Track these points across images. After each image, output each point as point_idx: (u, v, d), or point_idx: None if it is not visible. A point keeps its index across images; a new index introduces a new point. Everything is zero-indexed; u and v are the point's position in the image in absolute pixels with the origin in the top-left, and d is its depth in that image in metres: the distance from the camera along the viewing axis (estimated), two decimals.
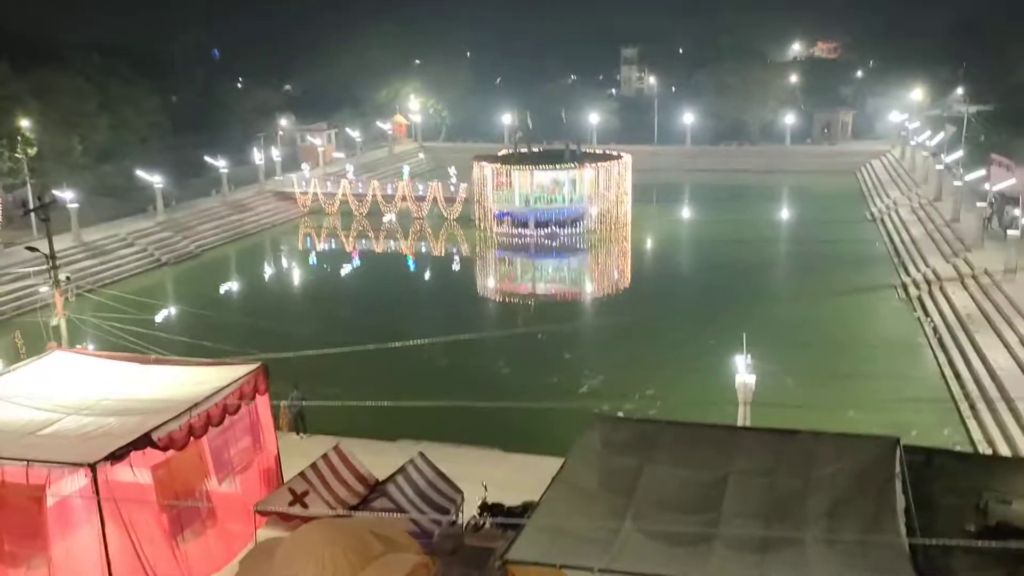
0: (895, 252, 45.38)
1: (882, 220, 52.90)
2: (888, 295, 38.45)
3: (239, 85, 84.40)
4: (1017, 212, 39.23)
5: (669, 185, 69.48)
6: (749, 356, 18.26)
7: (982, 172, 48.45)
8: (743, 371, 18.09)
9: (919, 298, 36.23)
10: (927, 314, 33.87)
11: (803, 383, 25.03)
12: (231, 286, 46.43)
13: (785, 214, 62.16)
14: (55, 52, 56.61)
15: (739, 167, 76.22)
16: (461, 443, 21.13)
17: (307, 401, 22.31)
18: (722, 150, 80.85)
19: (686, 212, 63.63)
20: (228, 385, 16.24)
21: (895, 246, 46.31)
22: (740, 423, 17.59)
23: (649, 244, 53.23)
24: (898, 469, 11.93)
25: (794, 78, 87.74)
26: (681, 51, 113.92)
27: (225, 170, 57.51)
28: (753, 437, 13.72)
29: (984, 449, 21.71)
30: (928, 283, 37.32)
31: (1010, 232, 36.27)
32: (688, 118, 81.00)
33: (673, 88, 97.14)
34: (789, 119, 79.84)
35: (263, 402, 17.47)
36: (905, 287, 38.67)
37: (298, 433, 22.42)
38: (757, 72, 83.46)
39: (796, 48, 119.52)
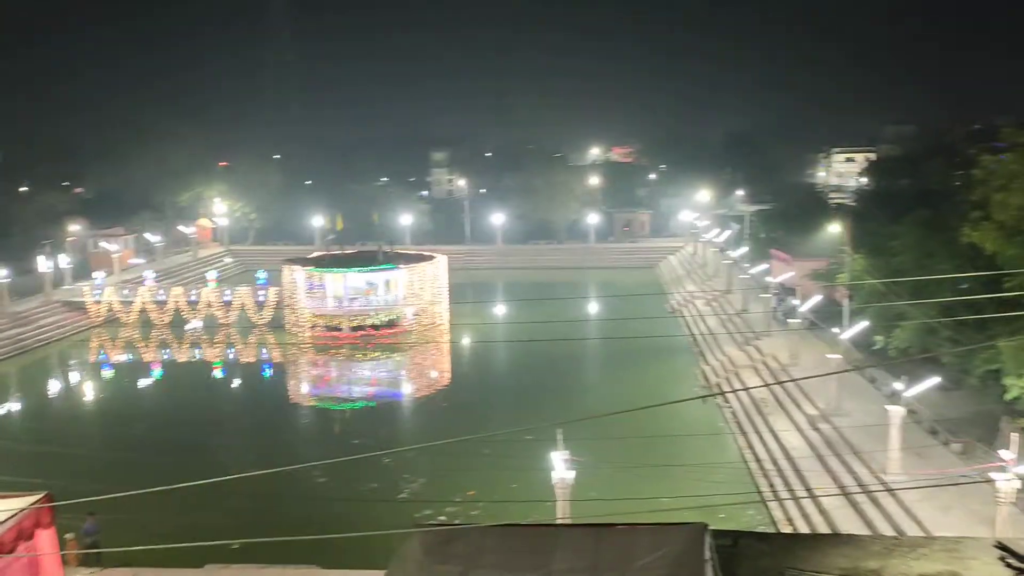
0: (695, 341, 48.30)
1: (681, 312, 56.39)
2: (691, 383, 40.68)
3: (22, 189, 78.76)
4: (796, 302, 43.00)
5: (483, 283, 70.95)
6: (567, 452, 18.56)
7: (765, 266, 52.99)
8: (560, 467, 18.33)
9: (718, 385, 38.58)
10: (726, 400, 36.04)
11: (617, 474, 25.67)
12: (8, 409, 41.86)
13: (594, 307, 64.91)
14: None
15: (548, 264, 79.32)
16: (275, 562, 19.85)
17: (100, 531, 20.30)
18: (532, 248, 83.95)
19: (501, 309, 64.98)
20: (5, 521, 14.52)
21: (694, 336, 49.33)
22: (560, 519, 17.70)
23: (466, 342, 53.72)
24: (708, 555, 12.38)
25: (594, 180, 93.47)
26: (489, 154, 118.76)
27: (5, 280, 52.82)
28: (573, 534, 13.81)
29: (784, 528, 23.01)
30: (725, 370, 39.88)
31: (791, 320, 39.65)
32: (498, 218, 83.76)
33: (482, 189, 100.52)
34: (592, 218, 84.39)
35: (48, 536, 15.73)
36: (705, 375, 41.10)
37: (90, 567, 20.26)
38: (560, 174, 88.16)
39: (595, 152, 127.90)
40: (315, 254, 62.08)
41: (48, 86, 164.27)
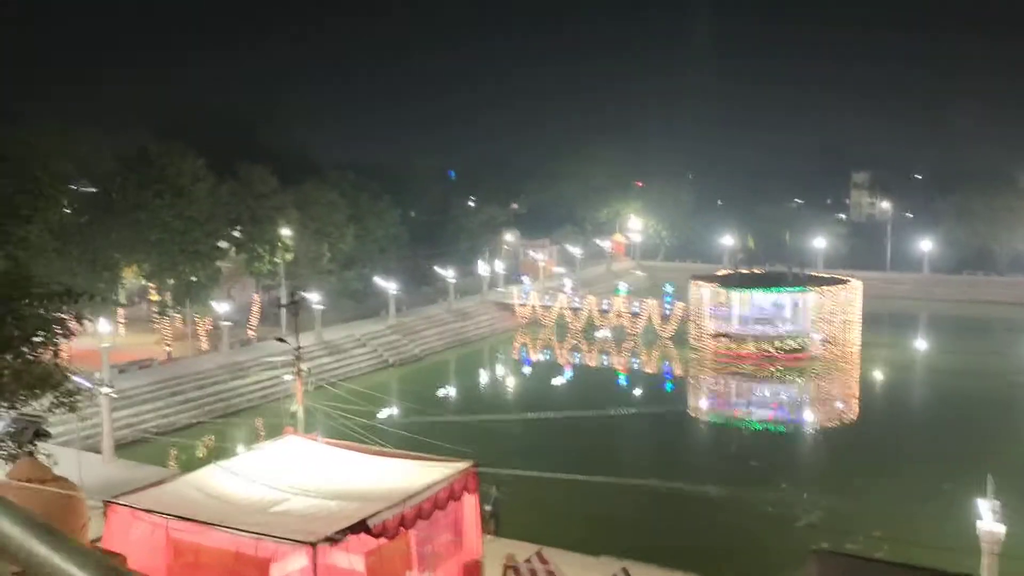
0: None
1: None
2: None
3: (471, 203, 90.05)
4: None
5: (903, 314, 65.18)
6: (998, 502, 16.40)
7: None
8: (988, 517, 16.22)
9: None
10: None
11: None
12: (450, 388, 48.40)
13: None
14: (316, 168, 63.49)
15: (983, 298, 70.06)
16: (666, 566, 20.31)
17: (500, 503, 22.45)
18: (965, 279, 74.86)
19: (921, 342, 59.12)
20: (441, 480, 16.80)
21: None
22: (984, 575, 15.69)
23: (879, 374, 49.77)
24: None
25: None
26: (918, 176, 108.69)
27: (452, 280, 60.97)
28: None
29: None
30: None
31: None
32: (925, 244, 76.21)
33: (909, 213, 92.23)
34: None
35: (471, 501, 17.86)
36: None
37: (489, 533, 22.58)
38: (1006, 197, 77.47)
39: None
40: (722, 272, 62.04)
41: (496, 113, 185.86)
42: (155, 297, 50.12)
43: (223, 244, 49.68)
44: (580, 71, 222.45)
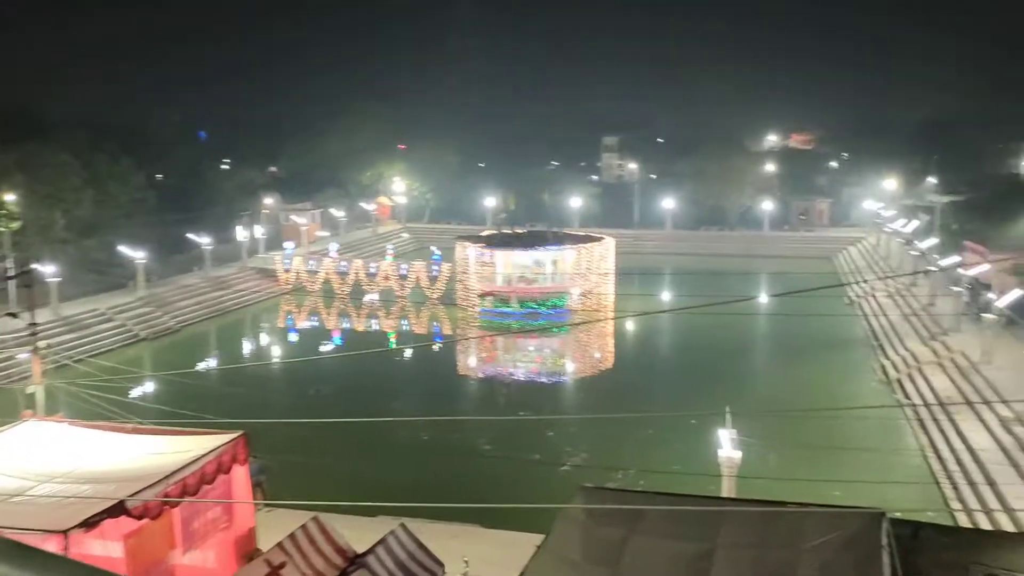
0: (873, 335, 45.83)
1: (860, 304, 53.59)
2: (868, 377, 38.69)
3: (225, 165, 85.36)
4: (992, 296, 39.90)
5: (651, 268, 70.17)
6: (735, 431, 18.22)
7: (956, 258, 49.44)
8: (727, 445, 18.02)
9: (898, 380, 36.47)
10: (907, 396, 34.03)
11: (786, 459, 24.90)
12: (210, 360, 45.90)
13: (764, 298, 62.75)
14: (41, 127, 57.13)
15: (719, 251, 77.34)
16: (440, 519, 20.68)
17: (266, 473, 21.79)
18: (702, 235, 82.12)
19: (668, 294, 64.14)
20: (207, 454, 15.97)
21: (873, 329, 46.80)
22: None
23: (631, 324, 53.48)
24: (885, 541, 11.85)
25: (771, 166, 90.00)
26: (661, 140, 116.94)
27: (208, 247, 57.61)
28: (740, 509, 13.60)
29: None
30: (907, 365, 37.62)
31: (985, 316, 36.84)
32: (668, 203, 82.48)
33: (653, 175, 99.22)
34: (767, 206, 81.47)
35: (241, 472, 17.17)
36: (884, 369, 38.95)
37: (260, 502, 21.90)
38: (736, 160, 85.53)
39: (772, 139, 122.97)
40: (486, 232, 63.53)
41: (252, 73, 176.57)
42: None
43: None
44: (341, 35, 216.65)
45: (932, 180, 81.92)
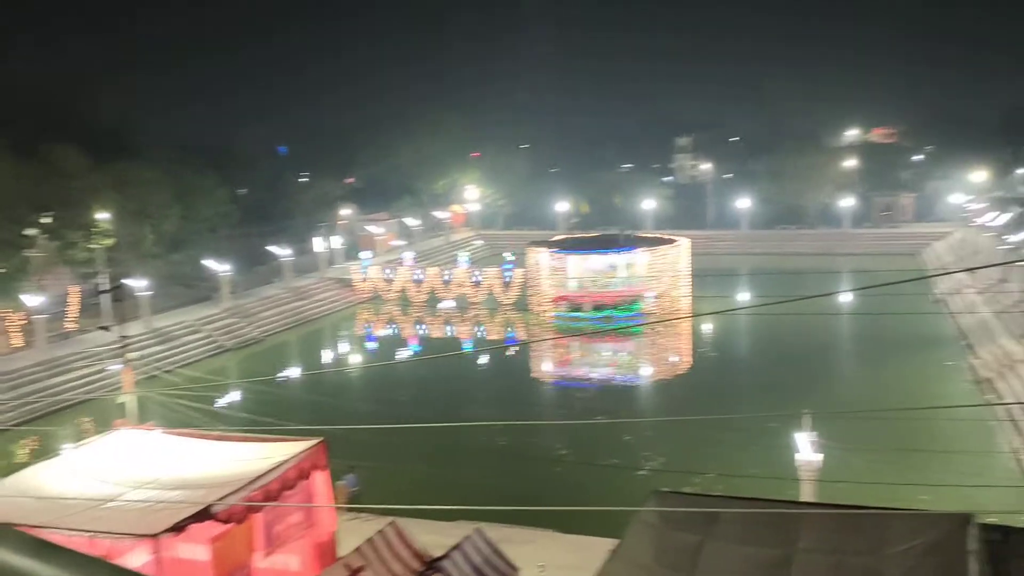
0: (962, 333, 44.16)
1: (947, 301, 51.67)
2: (956, 377, 37.29)
3: (304, 178, 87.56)
4: None
5: (727, 269, 69.13)
6: (815, 434, 17.85)
7: None
8: (806, 449, 17.65)
9: (989, 379, 35.04)
10: (999, 395, 32.68)
11: (870, 463, 24.17)
12: (291, 369, 47.11)
13: (844, 295, 61.05)
14: (133, 147, 59.63)
15: (797, 250, 75.57)
16: (517, 522, 20.79)
17: (360, 486, 22.25)
18: (779, 234, 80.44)
19: (744, 294, 63.02)
20: (288, 460, 16.43)
21: (962, 327, 45.09)
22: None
23: (707, 326, 52.71)
24: (973, 546, 11.45)
25: (851, 162, 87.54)
26: (735, 139, 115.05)
27: (288, 259, 59.17)
28: (819, 513, 13.31)
29: None
30: (1000, 364, 36.12)
31: None
32: (743, 203, 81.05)
33: (727, 174, 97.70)
34: (847, 202, 79.32)
35: (322, 477, 17.59)
36: (974, 368, 37.49)
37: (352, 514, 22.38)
38: (813, 157, 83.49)
39: (852, 134, 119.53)
40: (558, 237, 63.53)
41: (333, 87, 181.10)
42: None
43: (30, 231, 45.96)
44: (413, 45, 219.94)
45: (1022, 171, 78.52)
